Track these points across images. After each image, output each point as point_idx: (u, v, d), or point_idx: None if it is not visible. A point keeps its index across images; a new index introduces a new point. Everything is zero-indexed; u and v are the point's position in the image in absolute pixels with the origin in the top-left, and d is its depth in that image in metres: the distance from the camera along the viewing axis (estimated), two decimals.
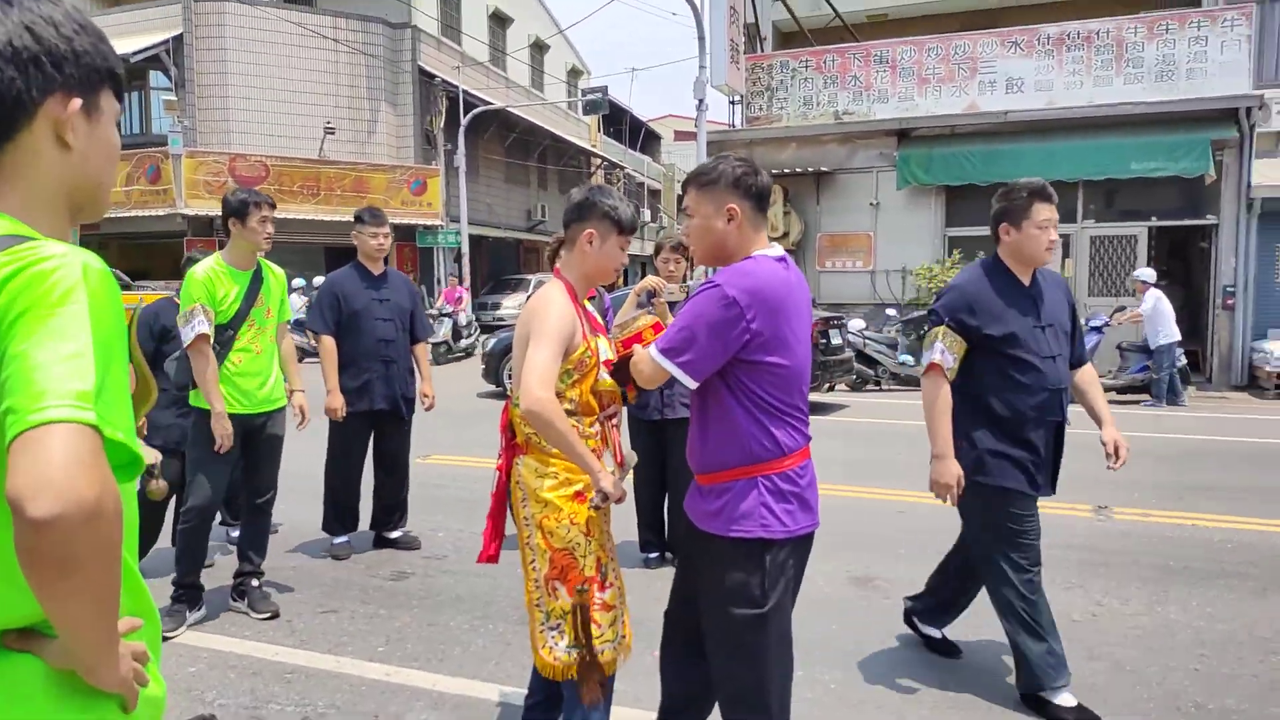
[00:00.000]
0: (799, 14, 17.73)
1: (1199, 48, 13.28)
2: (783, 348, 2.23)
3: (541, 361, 2.39)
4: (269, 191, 4.22)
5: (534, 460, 2.57)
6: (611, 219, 2.60)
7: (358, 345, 5.01)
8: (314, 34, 21.52)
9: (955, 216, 14.72)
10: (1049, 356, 3.20)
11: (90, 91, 1.17)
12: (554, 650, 2.53)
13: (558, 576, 2.52)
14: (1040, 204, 3.20)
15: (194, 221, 20.16)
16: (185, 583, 4.02)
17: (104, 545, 0.96)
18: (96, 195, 1.22)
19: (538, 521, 2.55)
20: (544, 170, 30.71)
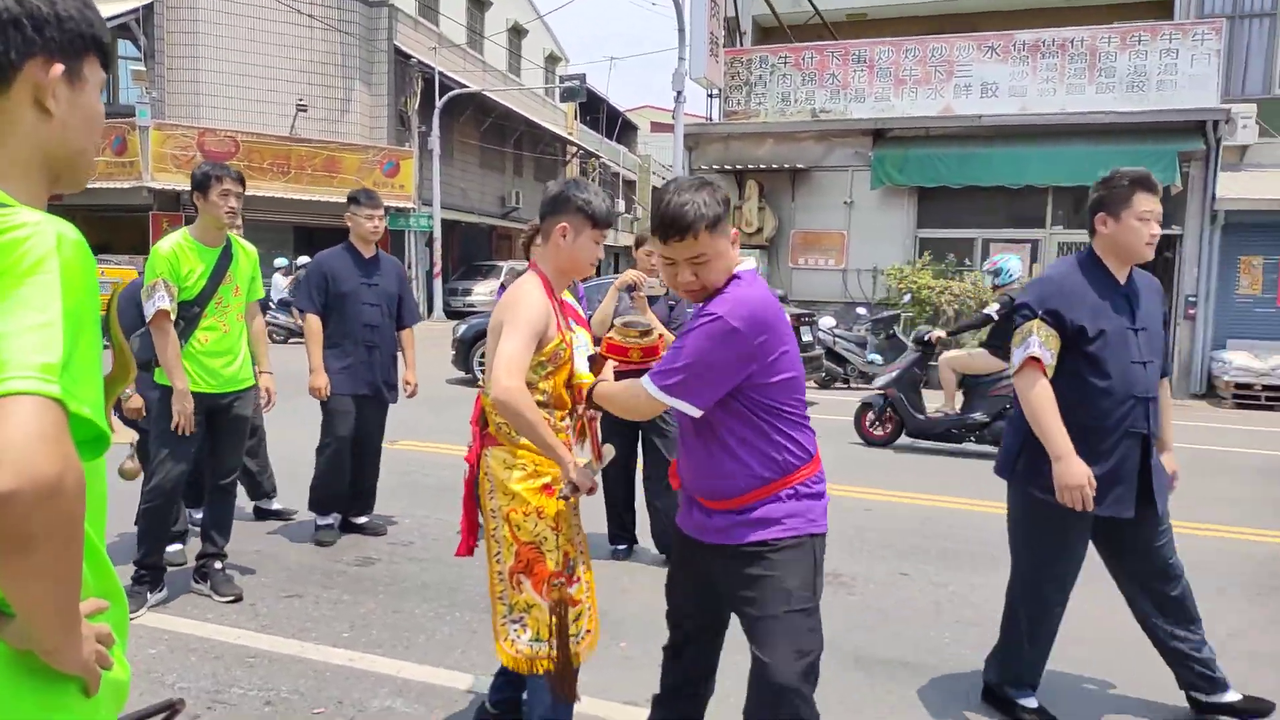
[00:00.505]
0: (780, 10, 17.76)
1: (1170, 60, 13.50)
2: (785, 358, 2.24)
3: (511, 351, 2.39)
4: (239, 168, 4.14)
5: (503, 452, 2.57)
6: (585, 213, 2.59)
7: (343, 328, 4.96)
8: (289, 8, 21.17)
9: (927, 218, 14.85)
10: (1139, 362, 2.95)
11: (73, 57, 1.14)
12: (515, 643, 2.54)
13: (523, 570, 2.52)
14: (1143, 194, 2.92)
15: (160, 195, 19.80)
16: (147, 563, 3.96)
17: (64, 523, 0.94)
18: (76, 163, 1.20)
19: (505, 514, 2.54)
20: (519, 156, 30.53)
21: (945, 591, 4.51)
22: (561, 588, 2.51)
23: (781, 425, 2.26)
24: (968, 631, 4.00)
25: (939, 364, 8.40)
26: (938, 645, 3.87)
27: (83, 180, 1.24)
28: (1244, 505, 6.40)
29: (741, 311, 2.14)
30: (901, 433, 8.27)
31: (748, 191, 15.65)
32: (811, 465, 2.33)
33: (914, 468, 7.49)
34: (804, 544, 2.28)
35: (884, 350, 12.93)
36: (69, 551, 0.97)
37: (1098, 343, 2.92)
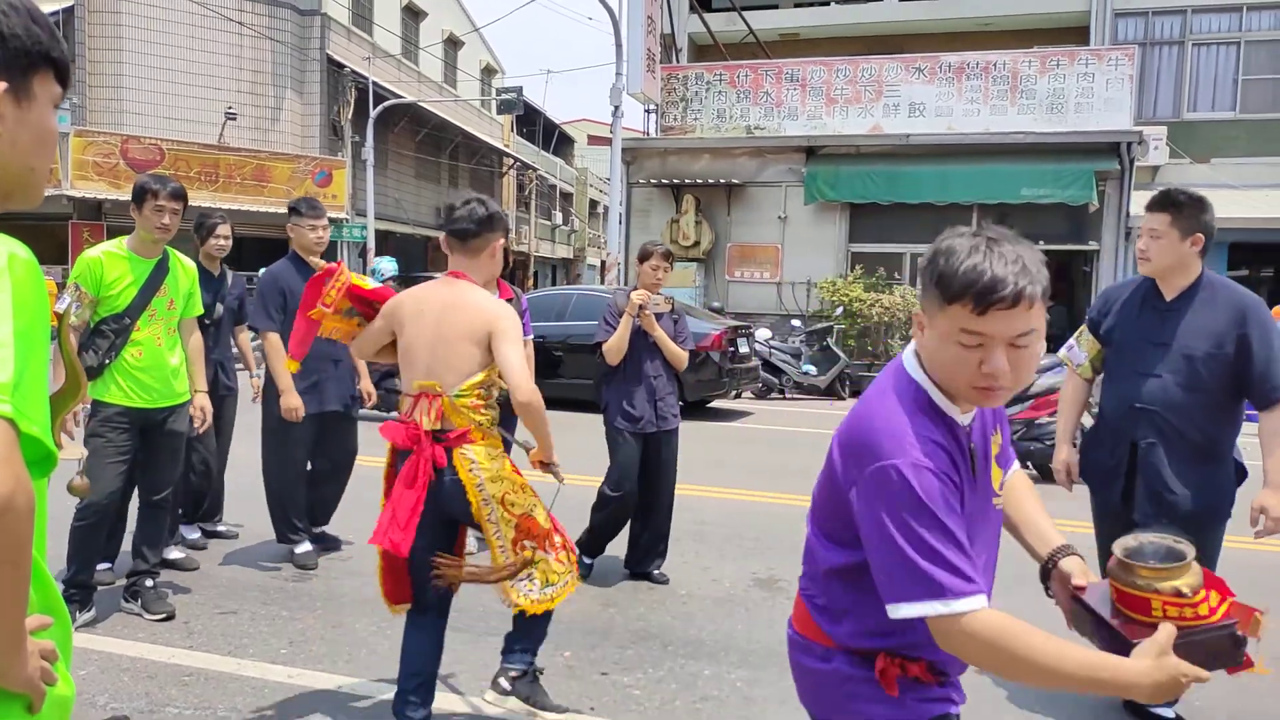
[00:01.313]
0: (714, 28, 18.06)
1: (1086, 83, 14.12)
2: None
3: (522, 360, 2.80)
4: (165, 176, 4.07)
5: (485, 446, 2.87)
6: (505, 228, 3.04)
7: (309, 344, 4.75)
8: (217, 15, 20.72)
9: (858, 233, 15.23)
10: (1146, 374, 3.04)
11: (19, 75, 1.12)
12: (530, 595, 2.88)
13: (524, 536, 2.86)
14: (1146, 213, 3.12)
15: (80, 204, 19.15)
16: (76, 582, 3.84)
17: (13, 543, 0.94)
18: (27, 181, 1.18)
19: (499, 498, 2.85)
20: (455, 168, 30.30)
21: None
22: (534, 549, 2.90)
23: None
24: None
25: None
26: None
27: (35, 197, 1.22)
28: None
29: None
30: None
31: (685, 205, 15.84)
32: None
33: None
34: None
35: (818, 361, 13.19)
36: (17, 570, 0.97)
37: (1110, 350, 3.22)
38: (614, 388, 4.70)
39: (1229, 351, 2.94)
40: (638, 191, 16.34)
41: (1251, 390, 2.95)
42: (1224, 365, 2.96)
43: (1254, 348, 2.91)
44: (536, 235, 37.11)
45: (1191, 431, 3.02)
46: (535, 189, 36.94)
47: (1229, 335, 2.95)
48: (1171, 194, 3.04)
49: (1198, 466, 3.04)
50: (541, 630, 3.15)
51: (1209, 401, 3.00)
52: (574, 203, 41.35)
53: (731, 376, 10.83)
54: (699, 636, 4.01)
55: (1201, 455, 3.04)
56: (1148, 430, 3.07)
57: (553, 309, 11.33)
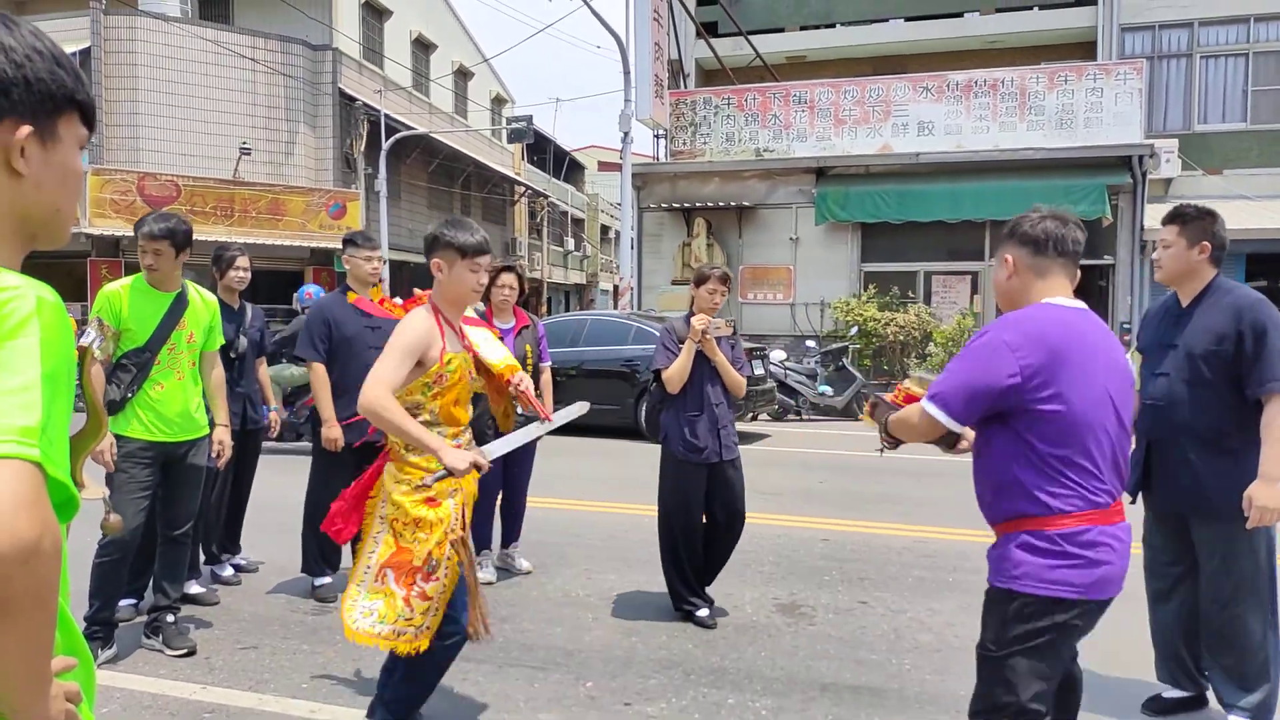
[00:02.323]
0: (721, 53, 18.19)
1: (1095, 98, 14.12)
2: (1058, 395, 2.15)
3: (380, 369, 2.78)
4: (181, 211, 4.11)
5: (394, 466, 2.93)
6: (453, 247, 2.92)
7: (347, 374, 4.59)
8: (231, 53, 21.04)
9: (870, 252, 15.22)
10: (1155, 373, 3.31)
11: (45, 118, 1.14)
12: (359, 622, 2.88)
13: (391, 566, 2.88)
14: (1160, 228, 3.40)
15: (98, 241, 19.38)
16: (99, 619, 3.85)
17: (40, 586, 0.94)
18: (52, 222, 1.19)
19: (389, 519, 2.91)
20: (467, 197, 30.53)
21: (903, 619, 4.58)
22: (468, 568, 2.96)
23: (1028, 468, 2.20)
24: (928, 658, 4.07)
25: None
26: (899, 671, 3.92)
27: (61, 238, 1.23)
28: None
29: (1011, 328, 2.24)
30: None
31: (696, 229, 15.88)
32: (1049, 520, 2.18)
33: (865, 497, 7.60)
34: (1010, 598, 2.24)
35: (834, 381, 13.15)
36: (44, 614, 0.96)
37: (1142, 358, 3.44)
38: (674, 416, 4.50)
39: (1228, 348, 3.13)
40: (649, 216, 16.41)
41: (1247, 383, 3.09)
42: (1224, 361, 3.14)
43: (1247, 342, 3.08)
44: (549, 262, 37.28)
45: (1197, 426, 3.20)
46: (547, 216, 37.15)
47: (1229, 332, 3.13)
48: (1180, 208, 3.34)
49: (1209, 460, 3.18)
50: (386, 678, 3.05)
51: (1211, 396, 3.17)
52: (585, 229, 41.55)
53: (747, 399, 10.80)
54: (722, 665, 3.97)
55: (1212, 449, 3.18)
56: (1157, 426, 3.30)
57: (567, 335, 11.36)
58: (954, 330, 13.64)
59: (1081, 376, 2.18)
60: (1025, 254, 2.36)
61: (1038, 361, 2.16)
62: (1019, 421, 2.21)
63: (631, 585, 5.05)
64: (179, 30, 20.83)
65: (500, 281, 4.99)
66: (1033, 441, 2.19)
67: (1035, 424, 2.19)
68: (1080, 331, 2.24)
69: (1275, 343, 3.03)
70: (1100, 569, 2.18)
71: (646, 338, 10.91)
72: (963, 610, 4.67)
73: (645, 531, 6.19)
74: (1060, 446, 2.18)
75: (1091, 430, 2.19)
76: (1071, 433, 2.17)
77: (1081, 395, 2.17)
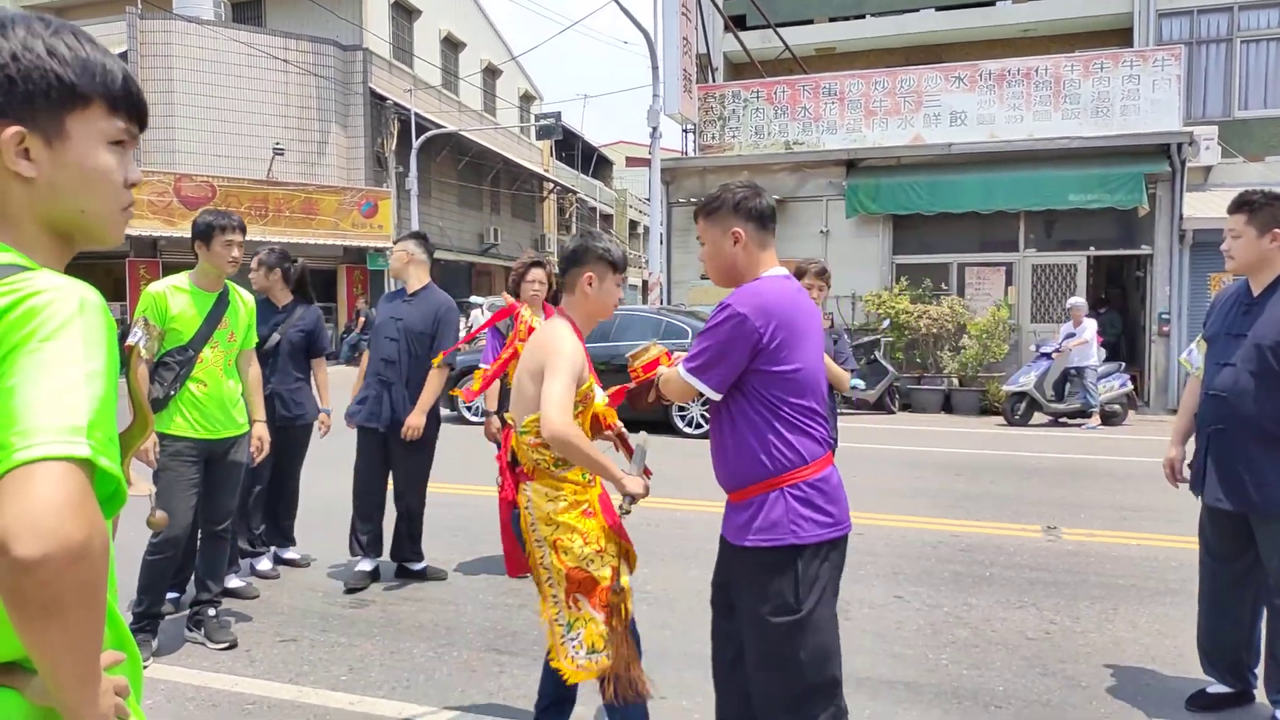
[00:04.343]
0: (750, 46, 18.09)
1: (1132, 86, 13.86)
2: (793, 354, 2.38)
3: (558, 392, 2.59)
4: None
5: (542, 485, 2.74)
6: (606, 260, 2.84)
7: (370, 363, 5.09)
8: (263, 54, 21.30)
9: (902, 245, 15.07)
10: (1221, 363, 3.24)
11: (46, 115, 1.09)
12: (575, 659, 2.69)
13: (577, 590, 2.69)
14: (1227, 216, 3.32)
15: (137, 242, 19.74)
16: (148, 613, 3.93)
17: (89, 586, 0.94)
18: (83, 223, 1.16)
19: (551, 542, 2.70)
20: (497, 194, 30.68)
21: (940, 613, 4.54)
22: (619, 593, 2.69)
23: (778, 424, 2.37)
24: (966, 652, 4.03)
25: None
26: (936, 666, 3.89)
27: (102, 238, 1.20)
28: None
29: (750, 301, 2.37)
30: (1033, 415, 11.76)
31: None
32: (803, 470, 2.37)
33: (899, 492, 7.55)
34: (784, 557, 2.34)
35: (866, 375, 13.04)
36: (93, 612, 0.97)
37: (1208, 348, 3.38)
38: None
39: (1276, 337, 3.06)
40: (678, 211, 16.38)
41: None
42: (1268, 350, 3.07)
43: None
44: None
45: (1262, 419, 3.11)
46: (575, 212, 37.23)
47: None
48: (1246, 194, 3.24)
49: (1272, 455, 3.09)
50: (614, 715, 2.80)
51: (1277, 388, 3.09)
52: (614, 224, 41.58)
53: None
54: None
55: (1275, 444, 3.10)
56: (1219, 417, 3.22)
57: (598, 329, 11.29)
58: (988, 322, 13.47)
59: (807, 341, 2.43)
60: (753, 228, 2.49)
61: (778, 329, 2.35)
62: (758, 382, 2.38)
63: (663, 579, 5.05)
64: (213, 33, 21.13)
65: (531, 277, 5.02)
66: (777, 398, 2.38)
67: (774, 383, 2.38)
68: (802, 303, 2.48)
69: None
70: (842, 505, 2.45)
71: (677, 332, 10.90)
72: (1000, 605, 4.63)
73: (677, 525, 6.20)
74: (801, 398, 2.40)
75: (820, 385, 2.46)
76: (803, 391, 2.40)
77: (808, 357, 2.42)
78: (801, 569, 2.33)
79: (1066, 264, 14.18)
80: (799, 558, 2.34)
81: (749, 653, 2.44)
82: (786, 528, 2.33)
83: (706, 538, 5.81)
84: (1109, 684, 3.70)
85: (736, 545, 2.43)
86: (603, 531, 2.74)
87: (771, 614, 2.34)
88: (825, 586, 2.38)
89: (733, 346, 2.36)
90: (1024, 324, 14.17)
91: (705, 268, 2.61)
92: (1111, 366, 12.16)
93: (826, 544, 2.38)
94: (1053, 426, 11.89)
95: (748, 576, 2.42)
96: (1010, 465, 8.81)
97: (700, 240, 2.59)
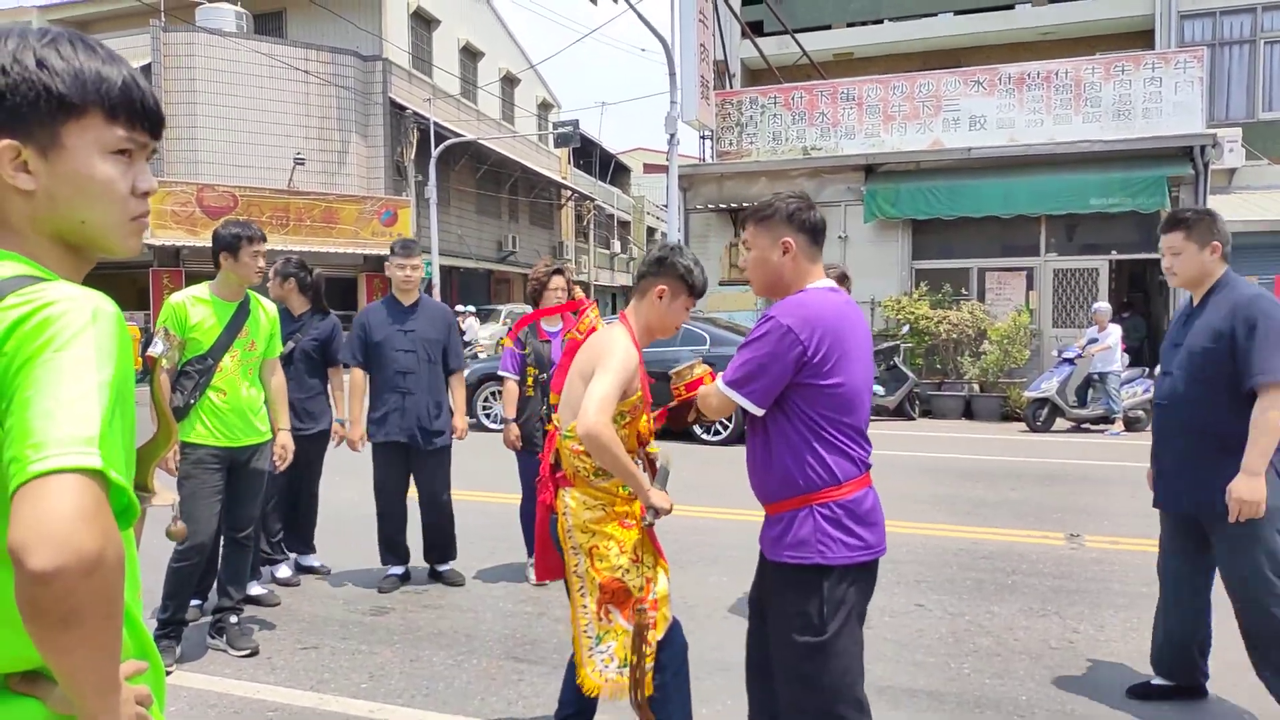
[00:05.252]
0: (767, 52, 18.09)
1: (1154, 88, 13.74)
2: (837, 368, 2.31)
3: (603, 392, 2.53)
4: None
5: (581, 493, 2.70)
6: (685, 281, 2.75)
7: (380, 377, 5.04)
8: (284, 65, 21.52)
9: (921, 250, 14.99)
10: (1165, 372, 3.40)
11: (40, 127, 1.08)
12: (604, 672, 2.65)
13: (610, 601, 2.65)
14: (1161, 235, 3.42)
15: (160, 252, 19.97)
16: (172, 621, 3.97)
17: (105, 596, 0.95)
18: (86, 233, 1.15)
19: (587, 550, 2.67)
20: (515, 202, 30.82)
21: (962, 621, 4.50)
22: (644, 613, 2.61)
23: (815, 442, 2.32)
24: (988, 661, 4.00)
25: None
26: (959, 674, 3.86)
27: (113, 248, 1.19)
28: None
29: (796, 313, 2.32)
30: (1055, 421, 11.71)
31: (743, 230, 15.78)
32: (837, 489, 2.33)
33: (920, 499, 7.49)
34: (809, 576, 2.31)
35: (886, 381, 12.97)
36: (111, 623, 0.98)
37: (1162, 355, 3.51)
38: None
39: (1224, 345, 3.14)
40: (695, 217, 16.38)
41: (1241, 377, 3.09)
42: (1220, 358, 3.14)
43: (1239, 336, 3.09)
44: (596, 264, 37.42)
45: (1197, 424, 3.22)
46: (593, 219, 37.32)
47: (1225, 329, 3.15)
48: (1178, 213, 3.36)
49: (1210, 458, 3.17)
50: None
51: (1210, 394, 3.18)
52: (631, 231, 41.64)
53: None
54: None
55: (1212, 447, 3.17)
56: (1162, 425, 3.41)
57: None
58: (1009, 327, 13.37)
59: (854, 356, 2.36)
60: (805, 240, 2.44)
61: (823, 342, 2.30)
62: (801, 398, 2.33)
63: (683, 585, 5.03)
64: (235, 45, 21.36)
65: (552, 285, 5.04)
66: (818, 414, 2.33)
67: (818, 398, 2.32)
68: (850, 316, 2.42)
69: (1265, 335, 3.04)
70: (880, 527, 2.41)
71: (694, 338, 10.88)
72: (1023, 613, 4.58)
73: (696, 532, 6.18)
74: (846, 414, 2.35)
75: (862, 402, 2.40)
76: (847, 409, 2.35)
77: (854, 373, 2.35)
78: (827, 591, 2.30)
79: (1088, 268, 14.06)
80: (825, 579, 2.30)
81: (776, 666, 2.42)
82: (814, 547, 2.30)
83: (725, 544, 5.82)
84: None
85: (770, 559, 2.42)
86: (640, 544, 2.69)
87: (797, 632, 2.31)
88: (851, 610, 2.33)
89: (776, 359, 2.29)
90: (1045, 329, 14.06)
91: (749, 274, 2.52)
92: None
93: (855, 567, 2.33)
94: (1075, 433, 11.77)
95: (777, 591, 2.41)
96: (1032, 472, 8.73)
97: (746, 245, 2.51)
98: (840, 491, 2.33)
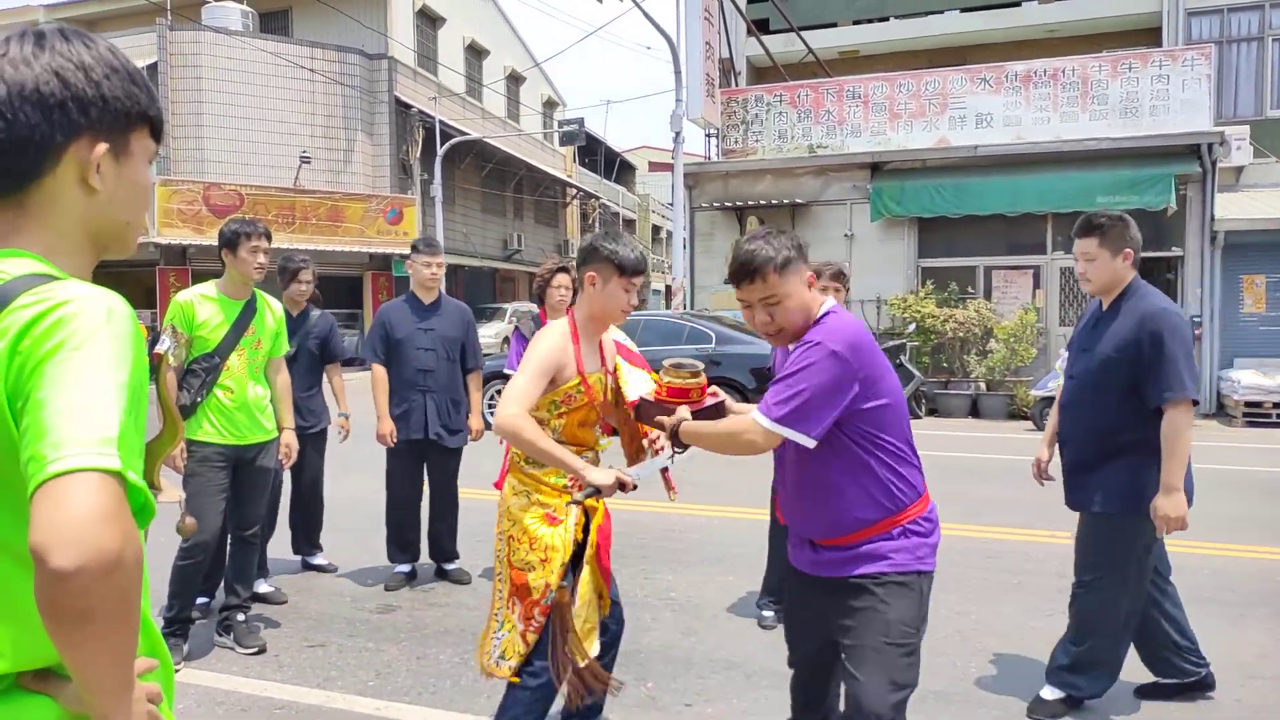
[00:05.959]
0: (773, 50, 18.07)
1: (1161, 86, 13.68)
2: (881, 387, 2.29)
3: (516, 385, 2.62)
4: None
5: (514, 479, 2.80)
6: (612, 262, 2.75)
7: (400, 375, 5.03)
8: (290, 64, 21.55)
9: (928, 248, 14.96)
10: (1069, 376, 3.47)
11: (119, 134, 1.17)
12: (492, 655, 2.77)
13: (516, 593, 2.73)
14: (1075, 240, 3.45)
15: (167, 250, 20.01)
16: (179, 619, 3.98)
17: (123, 596, 0.95)
18: (123, 234, 1.22)
19: (507, 537, 2.76)
20: (520, 200, 30.83)
21: (969, 621, 4.49)
22: (564, 590, 2.69)
23: (887, 459, 2.31)
24: (996, 661, 3.99)
25: None
26: (965, 674, 3.85)
27: (128, 248, 1.26)
28: (1266, 524, 6.39)
29: (840, 336, 2.26)
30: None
31: (748, 227, 15.78)
32: (920, 504, 2.36)
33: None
34: (910, 581, 2.31)
35: None
36: (127, 622, 0.98)
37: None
38: None
39: (1128, 354, 3.18)
40: (701, 215, 16.36)
41: (1146, 391, 3.15)
42: (1122, 367, 3.19)
43: (1145, 350, 3.14)
44: None
45: (1096, 428, 3.28)
46: (599, 217, 37.32)
47: (1130, 339, 3.19)
48: (1092, 218, 3.39)
49: (1103, 462, 3.26)
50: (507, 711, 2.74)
51: (1107, 401, 3.25)
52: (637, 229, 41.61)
53: None
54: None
55: (1107, 450, 3.25)
56: (1064, 427, 3.45)
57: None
58: (1016, 326, 13.34)
59: (888, 372, 2.35)
60: (808, 268, 2.43)
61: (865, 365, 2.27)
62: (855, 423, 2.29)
63: (688, 585, 5.04)
64: (241, 43, 21.39)
65: (556, 282, 5.05)
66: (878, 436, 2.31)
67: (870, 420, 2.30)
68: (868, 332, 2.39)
69: (1171, 351, 3.08)
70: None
71: (700, 337, 10.88)
72: (1030, 613, 4.57)
73: (699, 531, 6.19)
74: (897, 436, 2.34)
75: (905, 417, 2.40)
76: (898, 422, 2.35)
77: (893, 388, 2.34)
78: (924, 593, 2.35)
79: None
80: (925, 583, 2.35)
81: (863, 677, 2.28)
82: (911, 554, 2.32)
83: (730, 543, 5.81)
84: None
85: (840, 575, 2.34)
86: (556, 545, 2.68)
87: (898, 639, 2.27)
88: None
89: (837, 387, 2.21)
90: (1052, 327, 14.02)
91: (785, 325, 2.35)
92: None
93: (930, 571, 2.39)
94: None
95: (869, 605, 2.30)
96: None
97: (774, 301, 2.32)
98: (923, 503, 2.37)
